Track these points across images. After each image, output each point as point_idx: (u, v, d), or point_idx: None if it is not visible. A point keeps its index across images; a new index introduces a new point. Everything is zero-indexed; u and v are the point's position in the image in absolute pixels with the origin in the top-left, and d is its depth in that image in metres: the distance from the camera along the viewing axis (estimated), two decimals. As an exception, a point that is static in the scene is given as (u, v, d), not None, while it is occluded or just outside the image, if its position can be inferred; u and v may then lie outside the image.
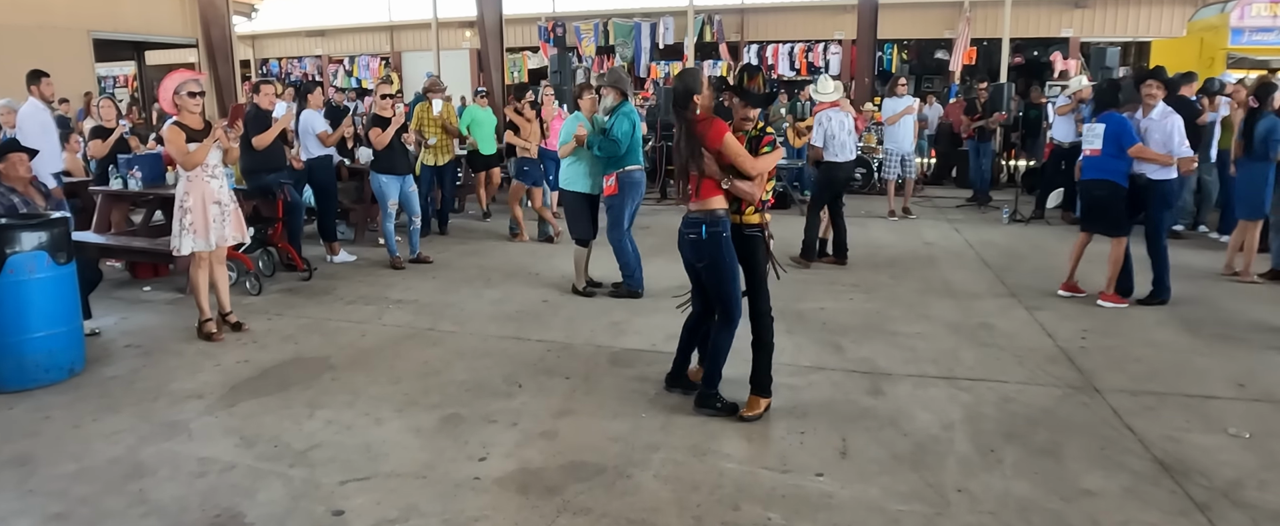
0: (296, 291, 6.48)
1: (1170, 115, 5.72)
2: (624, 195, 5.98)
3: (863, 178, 12.09)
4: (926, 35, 19.03)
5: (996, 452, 3.54)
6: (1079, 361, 4.71)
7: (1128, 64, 17.04)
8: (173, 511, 3.08)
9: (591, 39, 20.76)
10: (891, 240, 8.57)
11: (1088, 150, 5.99)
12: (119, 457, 3.53)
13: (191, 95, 5.10)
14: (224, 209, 5.18)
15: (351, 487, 3.26)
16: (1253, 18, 11.41)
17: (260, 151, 6.61)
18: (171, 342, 5.16)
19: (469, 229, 9.37)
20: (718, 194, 3.80)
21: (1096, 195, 5.98)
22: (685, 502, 3.12)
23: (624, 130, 5.85)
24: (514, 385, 4.38)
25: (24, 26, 11.81)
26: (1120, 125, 5.76)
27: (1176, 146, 5.67)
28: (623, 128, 5.84)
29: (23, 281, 4.30)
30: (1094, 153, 5.89)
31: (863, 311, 5.81)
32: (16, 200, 4.85)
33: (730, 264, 3.81)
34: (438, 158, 8.65)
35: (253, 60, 24.84)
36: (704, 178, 3.76)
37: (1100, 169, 5.88)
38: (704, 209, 3.79)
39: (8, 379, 4.30)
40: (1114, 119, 5.81)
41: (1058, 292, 6.16)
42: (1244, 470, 3.36)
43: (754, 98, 3.91)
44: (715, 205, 3.79)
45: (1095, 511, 3.04)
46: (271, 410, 4.05)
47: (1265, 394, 4.22)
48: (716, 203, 3.79)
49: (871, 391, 4.27)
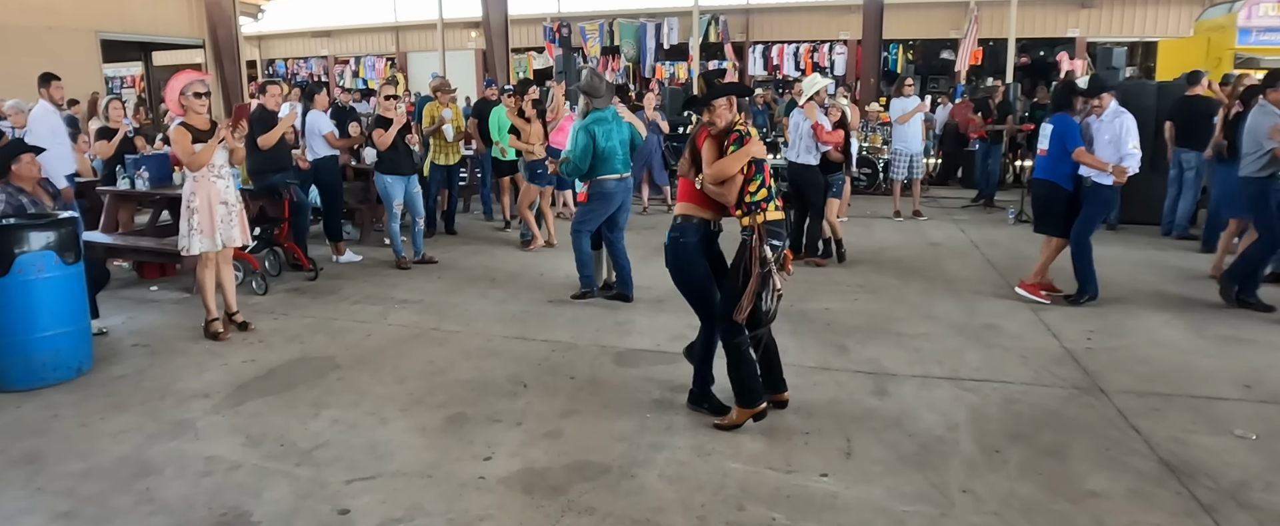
0: (302, 291, 6.50)
1: (1121, 115, 5.68)
2: (592, 203, 5.94)
3: (868, 178, 12.06)
4: (932, 35, 18.99)
5: (1001, 453, 3.53)
6: (1084, 362, 4.70)
7: (1134, 64, 17.00)
8: (179, 510, 3.10)
9: (597, 39, 20.77)
10: (897, 240, 8.55)
11: (1039, 150, 6.11)
12: (126, 456, 3.55)
13: (197, 96, 5.12)
14: (231, 209, 5.21)
15: (357, 487, 3.27)
16: (1260, 18, 11.35)
17: (266, 152, 6.64)
18: (178, 342, 5.19)
19: (475, 229, 9.39)
20: (690, 198, 3.77)
21: (1037, 194, 6.18)
22: (690, 502, 3.12)
23: (576, 149, 5.65)
24: (519, 385, 4.39)
25: (32, 27, 11.87)
26: (1066, 127, 5.81)
27: (1125, 146, 5.60)
28: (576, 146, 5.66)
29: (31, 281, 4.32)
30: (1042, 152, 6.02)
31: (868, 312, 5.80)
32: (25, 200, 4.88)
33: (691, 269, 3.81)
34: (447, 157, 8.65)
35: (259, 61, 24.94)
36: (680, 178, 3.78)
37: (1044, 169, 6.02)
38: (677, 213, 3.83)
39: (16, 378, 4.32)
40: (1061, 120, 5.87)
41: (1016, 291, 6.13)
42: (1250, 471, 3.35)
43: (697, 101, 3.77)
44: (683, 210, 3.80)
45: (1100, 512, 3.04)
46: (277, 409, 4.07)
47: (1272, 395, 4.20)
48: (685, 207, 3.80)
49: (876, 392, 4.26)
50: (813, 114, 7.14)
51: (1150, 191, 8.70)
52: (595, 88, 5.75)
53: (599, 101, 5.79)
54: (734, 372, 3.73)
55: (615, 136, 5.79)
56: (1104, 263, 6.14)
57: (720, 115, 3.64)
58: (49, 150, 5.71)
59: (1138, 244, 8.10)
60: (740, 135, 3.62)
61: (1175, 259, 7.39)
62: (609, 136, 5.76)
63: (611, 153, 5.78)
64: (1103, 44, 13.68)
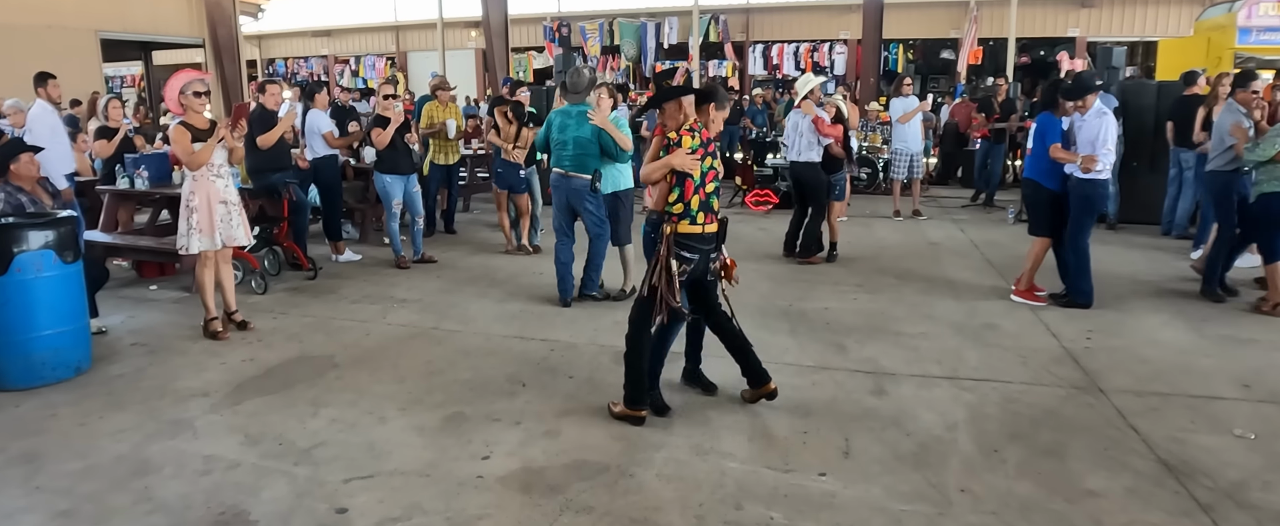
0: (301, 290, 6.51)
1: (1104, 116, 5.67)
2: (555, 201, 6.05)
3: (868, 178, 12.06)
4: (932, 35, 19.00)
5: (1000, 453, 3.53)
6: (1083, 362, 4.70)
7: (1135, 64, 17.00)
8: (178, 509, 3.10)
9: (597, 39, 20.79)
10: (896, 240, 8.55)
11: (1027, 149, 6.20)
12: (125, 455, 3.55)
13: (197, 95, 5.12)
14: (230, 208, 5.21)
15: (355, 486, 3.27)
16: (1260, 17, 11.35)
17: (266, 151, 6.64)
18: (177, 341, 5.19)
19: (474, 229, 9.39)
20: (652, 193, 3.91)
21: (1024, 193, 6.29)
22: (687, 501, 3.12)
23: (539, 134, 6.11)
24: (517, 384, 4.39)
25: (32, 26, 11.87)
26: (1046, 124, 5.87)
27: (1098, 145, 5.57)
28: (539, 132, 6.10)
29: (30, 280, 4.32)
30: (1029, 152, 6.09)
31: (867, 311, 5.80)
32: (24, 199, 4.88)
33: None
34: (447, 157, 8.64)
35: (259, 60, 24.98)
36: None
37: (1029, 167, 6.09)
38: (649, 207, 4.00)
39: (15, 376, 4.33)
40: (1043, 119, 5.93)
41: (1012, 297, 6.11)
42: (1249, 471, 3.35)
43: (649, 103, 3.96)
44: (651, 203, 3.95)
45: (1099, 512, 3.04)
46: (276, 408, 4.07)
47: (1271, 395, 4.20)
48: (652, 201, 3.92)
49: (875, 391, 4.27)
50: (811, 110, 7.15)
51: (1150, 191, 8.70)
52: (574, 84, 5.99)
53: (572, 97, 5.97)
54: (627, 364, 3.82)
55: (570, 132, 5.87)
56: (1104, 261, 6.15)
57: (670, 117, 3.78)
58: (48, 149, 5.71)
59: (1137, 244, 8.10)
60: (669, 142, 3.74)
61: (1175, 259, 7.38)
62: (564, 130, 5.90)
63: (561, 146, 5.92)
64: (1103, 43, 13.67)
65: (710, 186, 3.78)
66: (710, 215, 3.80)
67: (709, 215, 3.79)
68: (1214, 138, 6.32)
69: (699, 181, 3.72)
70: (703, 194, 3.74)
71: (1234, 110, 6.16)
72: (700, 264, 3.80)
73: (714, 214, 3.85)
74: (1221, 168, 6.16)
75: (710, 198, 3.79)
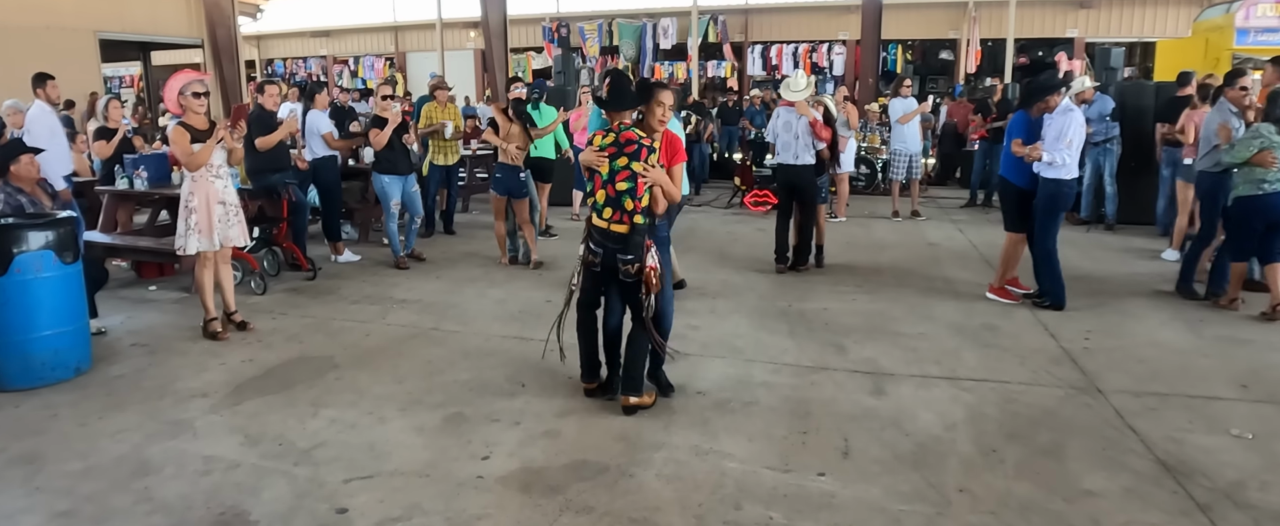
0: (301, 291, 6.51)
1: (1069, 112, 5.65)
2: None
3: (867, 179, 12.07)
4: (931, 35, 19.01)
5: (998, 453, 3.54)
6: (1082, 362, 4.71)
7: (1133, 64, 17.01)
8: (178, 509, 3.10)
9: (596, 39, 20.78)
10: (895, 240, 8.56)
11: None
12: (125, 455, 3.55)
13: (196, 96, 5.12)
14: (228, 209, 5.21)
15: (355, 486, 3.27)
16: (1258, 18, 11.38)
17: (265, 152, 6.64)
18: (177, 342, 5.19)
19: (474, 229, 9.39)
20: None
21: (999, 190, 6.39)
22: (687, 501, 3.13)
23: None
24: (517, 384, 4.39)
25: (31, 27, 11.87)
26: (1014, 122, 5.95)
27: (1058, 140, 5.53)
28: None
29: (29, 280, 4.32)
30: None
31: (866, 311, 5.81)
32: (24, 200, 4.88)
33: None
34: (446, 157, 8.64)
35: (258, 61, 24.94)
36: None
37: (1001, 165, 6.21)
38: None
39: (15, 377, 4.33)
40: (1014, 116, 6.03)
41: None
42: (1247, 471, 3.36)
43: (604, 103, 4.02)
44: None
45: (1097, 512, 3.04)
46: (276, 409, 4.07)
47: (1268, 395, 4.21)
48: None
49: (874, 391, 4.27)
50: (808, 112, 6.91)
51: (1149, 192, 8.72)
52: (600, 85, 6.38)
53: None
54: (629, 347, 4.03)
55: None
56: (1102, 262, 6.15)
57: (625, 117, 3.96)
58: (47, 150, 5.71)
59: (1136, 244, 8.11)
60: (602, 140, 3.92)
61: (1173, 259, 7.38)
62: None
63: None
64: (1101, 44, 13.70)
65: (621, 185, 3.80)
66: (619, 213, 3.81)
67: (617, 213, 3.82)
68: (1203, 139, 6.34)
69: (607, 178, 3.84)
70: (611, 191, 3.83)
71: (1223, 110, 6.15)
72: (607, 259, 3.88)
73: (627, 214, 3.79)
74: (1209, 168, 6.14)
75: (620, 197, 3.80)
